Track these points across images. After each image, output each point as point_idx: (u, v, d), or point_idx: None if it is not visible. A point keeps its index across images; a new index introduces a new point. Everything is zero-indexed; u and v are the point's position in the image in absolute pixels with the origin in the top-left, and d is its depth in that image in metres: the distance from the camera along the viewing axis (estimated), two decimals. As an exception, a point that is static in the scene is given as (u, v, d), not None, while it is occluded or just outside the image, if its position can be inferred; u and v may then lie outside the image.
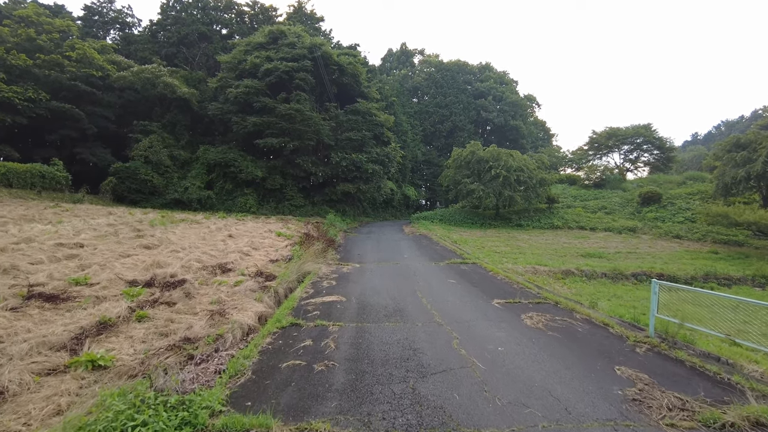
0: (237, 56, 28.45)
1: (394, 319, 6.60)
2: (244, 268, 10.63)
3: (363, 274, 10.73)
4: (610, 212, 30.96)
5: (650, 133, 41.03)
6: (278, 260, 11.78)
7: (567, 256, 18.38)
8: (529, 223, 29.15)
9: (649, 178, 36.90)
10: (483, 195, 28.20)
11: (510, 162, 28.55)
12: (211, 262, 10.92)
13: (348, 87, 30.62)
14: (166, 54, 33.43)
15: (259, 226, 19.09)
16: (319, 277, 10.27)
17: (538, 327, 6.35)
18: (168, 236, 13.67)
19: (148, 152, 28.49)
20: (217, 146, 30.37)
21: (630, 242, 23.18)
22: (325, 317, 6.63)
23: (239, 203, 28.89)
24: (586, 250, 20.00)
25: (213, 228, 16.38)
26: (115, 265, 9.83)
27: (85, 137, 28.89)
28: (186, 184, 29.10)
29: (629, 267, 15.70)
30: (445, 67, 50.17)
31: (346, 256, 14.17)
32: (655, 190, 30.55)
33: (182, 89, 29.21)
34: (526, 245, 20.90)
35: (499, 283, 9.90)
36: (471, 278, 10.43)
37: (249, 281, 9.18)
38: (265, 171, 28.83)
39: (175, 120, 30.95)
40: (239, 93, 26.79)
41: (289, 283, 9.47)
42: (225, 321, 6.54)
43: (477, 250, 17.96)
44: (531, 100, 55.39)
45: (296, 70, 26.77)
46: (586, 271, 15.28)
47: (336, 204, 30.88)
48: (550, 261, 16.09)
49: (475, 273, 11.37)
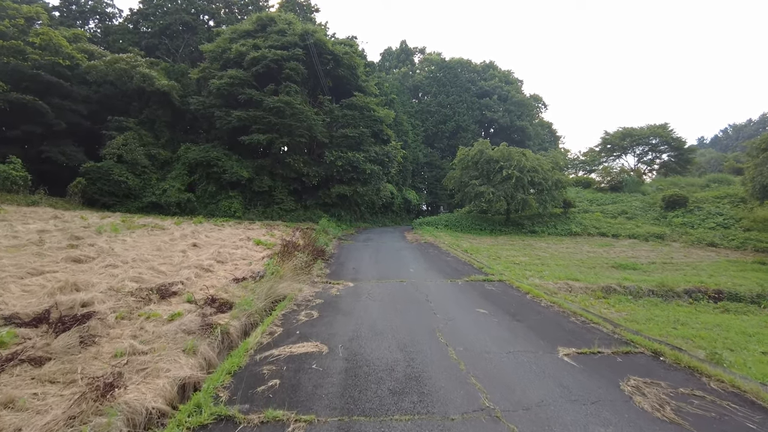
0: (221, 45, 25.75)
1: (407, 400, 3.73)
2: (196, 291, 7.79)
3: (357, 299, 7.88)
4: (631, 217, 28.32)
5: (667, 134, 38.52)
6: (245, 278, 8.92)
7: (596, 267, 15.67)
8: (544, 229, 26.41)
9: (669, 180, 34.29)
10: (493, 198, 25.44)
11: (523, 162, 25.85)
12: (154, 282, 8.08)
13: (344, 80, 27.91)
14: (146, 45, 30.75)
15: (237, 233, 16.24)
16: (296, 305, 7.42)
17: (668, 417, 3.52)
18: (113, 246, 10.81)
19: (122, 150, 25.65)
20: (200, 144, 27.58)
21: (660, 251, 20.55)
22: (285, 398, 3.75)
23: (223, 207, 26.01)
24: (615, 260, 17.27)
25: (177, 235, 13.52)
26: (10, 287, 6.99)
27: (52, 134, 26.03)
28: (164, 186, 26.25)
29: (676, 281, 12.98)
30: (448, 64, 47.61)
31: (337, 271, 11.34)
32: (680, 193, 27.90)
33: (161, 81, 26.48)
34: (546, 254, 18.17)
35: (550, 315, 7.06)
36: (506, 306, 7.60)
37: (191, 314, 6.32)
38: (251, 171, 26.01)
39: (154, 116, 28.15)
40: (222, 84, 24.06)
41: (249, 316, 6.62)
42: (110, 404, 3.67)
43: (493, 260, 15.27)
44: (537, 101, 52.90)
45: (286, 59, 24.04)
46: (630, 288, 12.51)
47: (330, 208, 28.05)
48: (581, 274, 13.33)
49: (508, 296, 8.53)
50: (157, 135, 28.73)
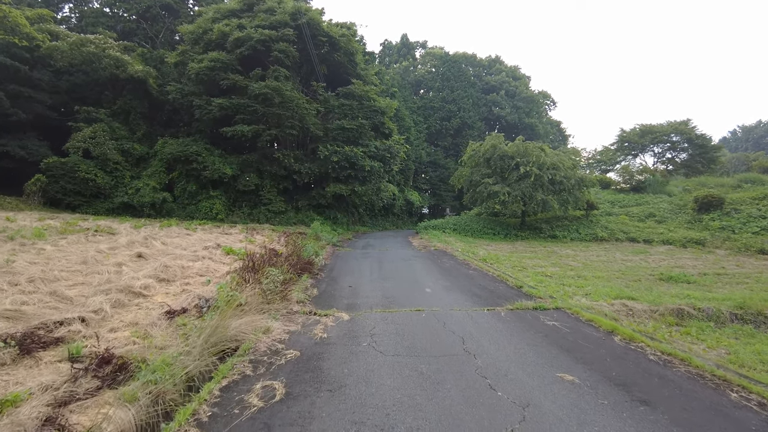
0: (202, 25, 22.81)
1: None
2: (102, 334, 4.79)
3: (355, 351, 4.88)
4: (661, 221, 25.41)
5: (689, 131, 35.70)
6: (186, 310, 5.91)
7: (642, 280, 12.68)
8: (566, 233, 23.45)
9: (696, 180, 31.45)
10: (509, 199, 22.46)
11: (542, 158, 22.90)
12: (40, 317, 5.11)
13: (340, 67, 24.96)
14: (123, 30, 27.77)
15: (207, 239, 13.20)
16: (252, 363, 4.41)
17: None
18: (15, 258, 7.79)
19: (88, 144, 22.63)
20: (179, 138, 24.57)
21: (706, 259, 17.64)
22: None
23: (203, 208, 22.97)
24: (659, 270, 14.25)
25: (123, 242, 10.48)
26: None
27: (10, 125, 23.00)
28: (138, 185, 23.22)
29: (756, 301, 9.99)
30: (452, 58, 44.67)
31: (328, 291, 8.34)
32: (715, 194, 24.98)
33: (135, 67, 23.50)
34: (577, 264, 15.19)
35: (680, 380, 4.06)
36: (598, 362, 4.61)
37: (42, 397, 3.32)
38: (236, 168, 23.00)
39: (129, 107, 25.14)
40: (202, 69, 21.08)
41: (157, 396, 3.61)
42: None
43: (519, 271, 12.38)
44: (546, 97, 50.09)
45: (275, 40, 21.07)
46: (707, 311, 9.46)
47: (325, 210, 25.02)
48: (631, 290, 10.34)
49: (587, 339, 5.52)
50: (133, 128, 25.72)
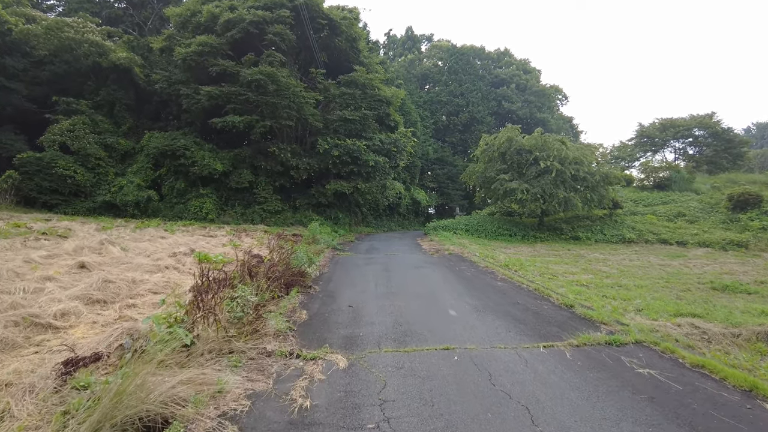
0: (191, 7, 20.89)
1: None
2: None
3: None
4: (692, 221, 23.23)
5: (714, 124, 33.45)
6: (101, 356, 3.89)
7: (692, 290, 10.48)
8: (590, 235, 21.33)
9: (725, 177, 29.24)
10: (528, 197, 20.37)
11: (564, 152, 20.80)
12: None
13: (342, 54, 22.93)
14: (108, 16, 25.91)
15: (183, 242, 11.19)
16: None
17: None
18: None
19: (65, 137, 20.75)
20: (167, 132, 22.65)
21: (755, 264, 15.43)
22: None
23: (192, 207, 21.02)
24: (707, 278, 12.00)
25: (70, 248, 8.49)
26: None
27: (-19, 118, 21.19)
28: (122, 183, 21.33)
29: None
30: (459, 51, 42.57)
31: (320, 315, 6.28)
32: (752, 191, 22.79)
33: (119, 54, 21.60)
34: (610, 269, 12.99)
35: None
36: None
37: None
38: (228, 164, 21.04)
39: (113, 98, 23.25)
40: (190, 53, 19.14)
41: None
42: None
43: (547, 279, 10.32)
44: (558, 92, 47.86)
45: (269, 22, 19.09)
46: None
47: (326, 209, 22.99)
48: (687, 303, 8.16)
49: (724, 412, 3.43)
50: (117, 121, 23.82)
